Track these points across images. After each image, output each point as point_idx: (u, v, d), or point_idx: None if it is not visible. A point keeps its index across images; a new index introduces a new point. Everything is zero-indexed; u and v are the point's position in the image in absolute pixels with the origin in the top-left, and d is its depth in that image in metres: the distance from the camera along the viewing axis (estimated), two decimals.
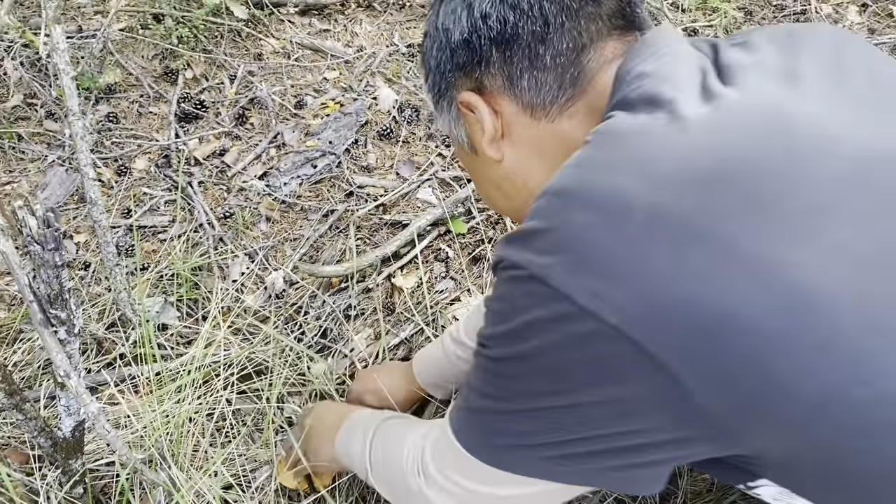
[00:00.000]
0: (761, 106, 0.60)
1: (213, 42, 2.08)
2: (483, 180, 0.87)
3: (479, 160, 0.84)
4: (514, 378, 0.65)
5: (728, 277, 0.53)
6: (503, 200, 0.87)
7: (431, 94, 0.86)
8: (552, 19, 0.73)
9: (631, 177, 0.57)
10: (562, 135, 0.76)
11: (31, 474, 1.13)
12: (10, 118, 1.82)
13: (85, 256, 1.58)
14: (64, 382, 0.95)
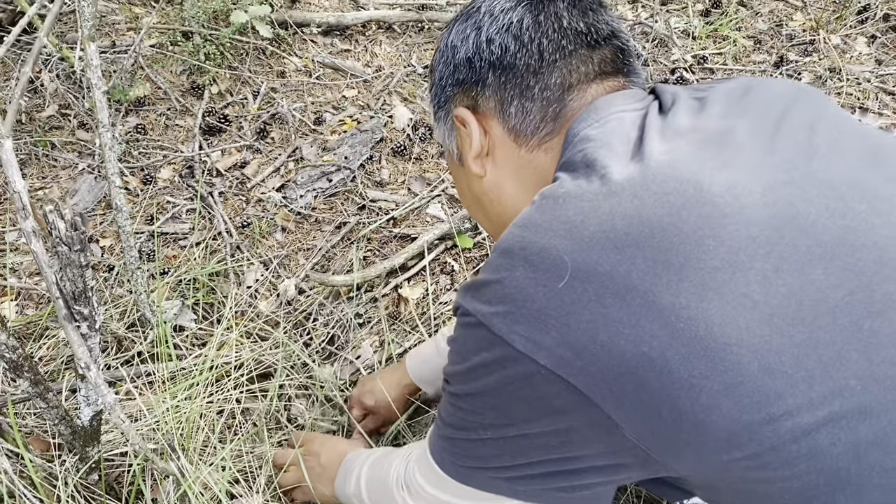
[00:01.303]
0: (685, 173, 0.66)
1: (238, 59, 2.17)
2: (465, 190, 0.96)
3: (464, 172, 0.91)
4: (470, 412, 0.74)
5: (644, 326, 0.59)
6: (480, 212, 0.95)
7: (432, 104, 0.93)
8: (547, 56, 0.81)
9: (563, 238, 0.65)
10: (536, 166, 0.84)
11: (52, 461, 1.21)
12: (45, 127, 1.92)
13: (109, 259, 1.66)
14: (84, 374, 1.03)
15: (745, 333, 0.58)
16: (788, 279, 0.60)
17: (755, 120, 0.73)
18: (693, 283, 0.60)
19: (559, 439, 0.67)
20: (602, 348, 0.61)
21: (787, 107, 0.75)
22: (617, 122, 0.75)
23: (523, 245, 0.67)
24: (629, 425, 0.62)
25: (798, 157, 0.69)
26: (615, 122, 0.76)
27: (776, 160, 0.68)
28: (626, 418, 0.62)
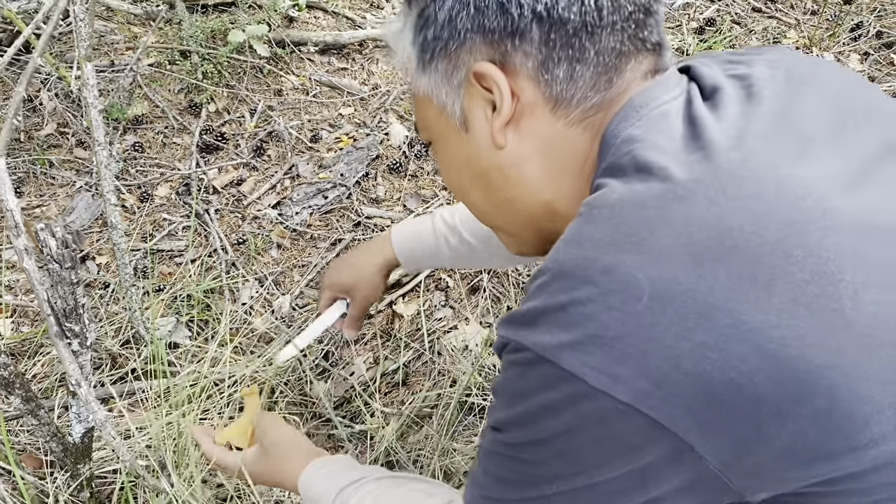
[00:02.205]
0: (760, 172, 0.60)
1: (235, 78, 2.19)
2: (460, 163, 0.79)
3: (464, 140, 0.76)
4: (532, 463, 0.64)
5: (732, 349, 0.54)
6: (478, 191, 0.80)
7: (422, 45, 0.75)
8: (605, 14, 0.69)
9: (632, 253, 0.57)
10: (572, 145, 0.72)
11: (44, 478, 1.21)
12: (44, 145, 1.94)
13: (105, 277, 1.67)
14: (75, 391, 1.03)
15: (837, 355, 0.54)
16: (877, 295, 0.56)
17: (814, 106, 0.67)
18: (783, 298, 0.54)
19: (633, 481, 0.61)
20: (686, 377, 0.55)
21: (843, 91, 0.69)
22: (660, 117, 0.67)
23: (584, 264, 0.59)
24: (713, 455, 0.57)
25: (866, 153, 0.63)
26: (658, 117, 0.67)
27: (845, 156, 0.63)
28: (711, 448, 0.56)
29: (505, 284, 1.69)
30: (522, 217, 0.79)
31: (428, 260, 1.29)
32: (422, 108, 0.79)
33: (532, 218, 0.79)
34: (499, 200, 0.79)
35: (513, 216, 0.80)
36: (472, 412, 1.42)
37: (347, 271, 1.28)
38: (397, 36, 0.77)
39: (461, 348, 1.56)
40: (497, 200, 0.79)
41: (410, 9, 0.75)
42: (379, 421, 1.41)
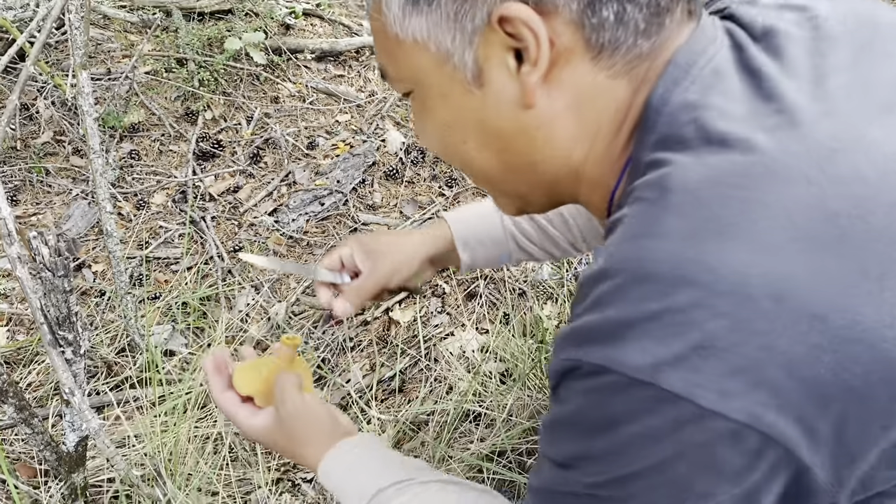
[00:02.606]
0: (855, 144, 0.53)
1: (232, 85, 2.19)
2: (462, 123, 0.66)
3: (474, 97, 0.63)
4: (627, 498, 0.55)
5: (846, 350, 0.49)
6: (488, 153, 0.68)
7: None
8: None
9: (734, 245, 0.50)
10: (612, 100, 0.62)
11: (38, 487, 1.20)
12: (40, 154, 1.94)
13: (101, 285, 1.67)
14: (69, 399, 1.03)
15: None
16: None
17: (891, 52, 0.60)
18: (895, 293, 0.49)
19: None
20: (799, 383, 0.49)
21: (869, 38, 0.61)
22: (714, 76, 0.59)
23: (677, 261, 0.50)
24: (820, 463, 0.51)
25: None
26: (711, 75, 0.59)
27: None
28: (818, 457, 0.51)
29: (501, 291, 1.68)
30: (542, 182, 0.69)
31: (489, 245, 1.08)
32: (405, 54, 0.63)
33: (553, 183, 0.68)
34: (516, 165, 0.67)
35: (530, 182, 0.69)
36: (468, 419, 1.41)
37: (384, 237, 1.06)
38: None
39: (458, 355, 1.55)
40: (514, 165, 0.67)
41: None
42: (375, 428, 1.41)
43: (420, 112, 0.69)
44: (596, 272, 0.54)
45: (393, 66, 0.66)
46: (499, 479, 1.29)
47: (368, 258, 1.00)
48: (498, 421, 1.38)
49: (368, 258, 1.00)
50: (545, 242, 1.10)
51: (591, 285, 0.54)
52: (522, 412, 1.40)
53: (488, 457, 1.32)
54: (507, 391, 1.42)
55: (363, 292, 0.99)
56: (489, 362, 1.50)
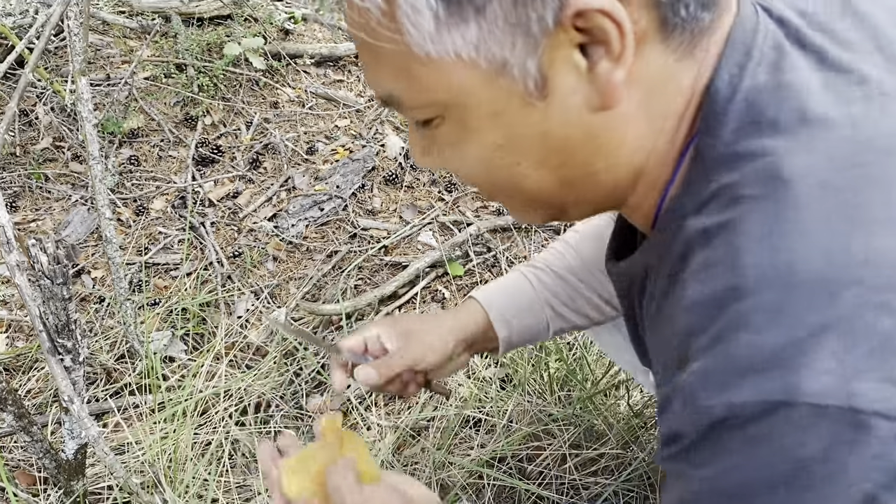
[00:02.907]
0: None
1: (231, 91, 2.19)
2: (525, 142, 0.56)
3: (534, 110, 0.53)
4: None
5: None
6: (544, 171, 0.58)
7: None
8: None
9: (883, 231, 0.45)
10: (679, 86, 0.54)
11: (37, 495, 1.20)
12: (39, 160, 1.94)
13: (100, 291, 1.67)
14: (68, 407, 1.03)
15: None
16: None
17: None
18: None
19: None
20: None
21: None
22: (776, 52, 0.54)
23: (823, 262, 0.45)
24: None
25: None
26: (774, 52, 0.54)
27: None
28: None
29: None
30: (597, 193, 0.60)
31: (526, 315, 0.99)
32: (436, 75, 0.52)
33: (609, 191, 0.60)
34: (573, 178, 0.58)
35: (582, 194, 0.61)
36: (468, 425, 1.41)
37: (414, 319, 0.97)
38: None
39: None
40: (571, 178, 0.58)
41: None
42: (375, 434, 1.41)
43: (454, 140, 0.58)
44: (722, 291, 0.47)
45: (413, 91, 0.55)
46: (499, 486, 1.29)
47: (399, 338, 0.93)
48: (498, 427, 1.38)
49: (399, 338, 0.93)
50: (579, 301, 1.00)
51: (718, 307, 0.47)
52: (523, 418, 1.39)
53: (489, 463, 1.32)
54: (508, 397, 1.42)
55: (391, 364, 0.90)
56: (489, 368, 1.50)
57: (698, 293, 0.49)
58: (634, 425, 1.35)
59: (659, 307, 0.59)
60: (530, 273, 1.01)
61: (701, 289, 0.49)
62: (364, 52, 0.55)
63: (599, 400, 1.40)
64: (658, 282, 0.60)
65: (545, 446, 1.34)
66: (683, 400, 0.47)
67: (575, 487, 1.30)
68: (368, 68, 0.56)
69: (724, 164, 0.52)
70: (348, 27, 0.54)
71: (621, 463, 1.32)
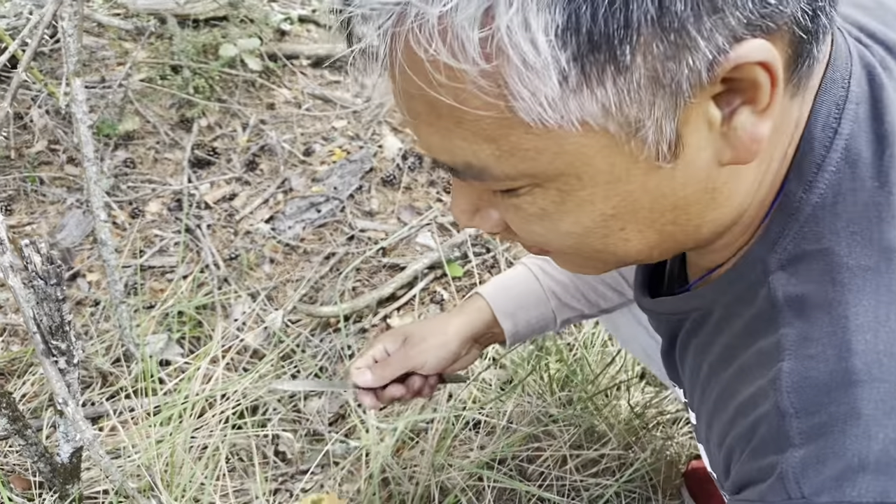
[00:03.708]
0: None
1: (227, 92, 2.18)
2: (636, 207, 0.49)
3: (662, 172, 0.47)
4: None
5: None
6: (653, 234, 0.52)
7: (592, 44, 0.39)
8: None
9: None
10: (788, 125, 0.49)
11: (32, 499, 1.19)
12: (34, 163, 1.92)
13: (96, 294, 1.65)
14: (63, 410, 1.01)
15: None
16: None
17: None
18: None
19: None
20: None
21: None
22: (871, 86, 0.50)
23: None
24: None
25: None
26: (868, 85, 0.50)
27: None
28: None
29: None
30: (690, 243, 0.55)
31: (531, 307, 0.97)
32: (543, 144, 0.44)
33: (703, 239, 0.55)
34: (675, 233, 0.52)
35: (675, 246, 0.55)
36: (467, 426, 1.40)
37: (420, 324, 0.97)
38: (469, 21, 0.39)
39: None
40: (673, 234, 0.52)
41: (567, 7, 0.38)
42: (374, 437, 1.39)
43: (547, 211, 0.50)
44: (828, 375, 0.43)
45: (505, 163, 0.46)
46: (499, 488, 1.28)
47: (398, 341, 0.94)
48: (498, 428, 1.37)
49: (398, 341, 0.94)
50: (583, 288, 0.99)
51: (825, 393, 0.44)
52: (523, 419, 1.38)
53: (488, 464, 1.31)
54: (507, 398, 1.41)
55: (388, 365, 0.91)
56: (489, 369, 1.49)
57: (798, 374, 0.46)
58: (636, 426, 1.34)
59: (727, 352, 0.56)
60: (534, 265, 1.00)
61: (801, 369, 0.46)
62: (432, 111, 0.44)
63: (600, 400, 1.39)
64: (729, 326, 0.56)
65: (545, 447, 1.33)
66: (784, 488, 0.45)
67: (576, 488, 1.29)
68: (436, 132, 0.45)
69: (822, 222, 0.48)
70: (419, 84, 0.43)
71: (623, 464, 1.31)
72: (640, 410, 1.35)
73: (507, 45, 0.39)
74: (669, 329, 0.69)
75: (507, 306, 0.96)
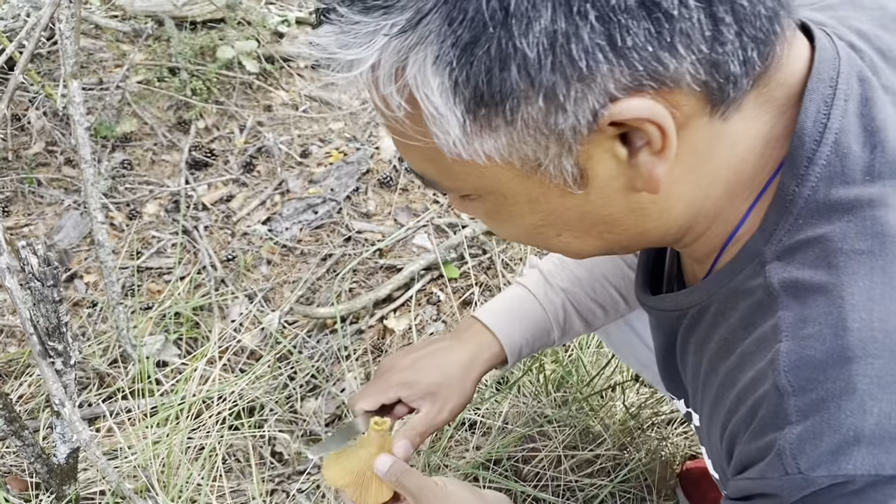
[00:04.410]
0: None
1: (225, 94, 2.19)
2: (565, 220, 0.57)
3: (572, 197, 0.53)
4: None
5: None
6: (590, 238, 0.59)
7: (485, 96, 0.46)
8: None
9: None
10: (731, 140, 0.52)
11: (29, 500, 1.19)
12: (32, 164, 1.93)
13: (93, 295, 1.66)
14: (59, 411, 1.02)
15: None
16: None
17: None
18: None
19: None
20: None
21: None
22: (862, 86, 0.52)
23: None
24: None
25: None
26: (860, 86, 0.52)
27: None
28: None
29: None
30: (643, 243, 0.62)
31: (537, 332, 0.99)
32: (470, 171, 0.53)
33: (656, 240, 0.61)
34: (620, 239, 0.59)
35: (629, 246, 0.62)
36: (463, 427, 1.40)
37: (430, 372, 0.92)
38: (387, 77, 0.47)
39: None
40: (618, 240, 0.59)
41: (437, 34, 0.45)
42: None
43: (493, 215, 0.60)
44: (824, 353, 0.46)
45: (449, 181, 0.56)
46: (495, 488, 1.28)
47: (424, 399, 0.91)
48: (493, 429, 1.37)
49: (424, 399, 0.91)
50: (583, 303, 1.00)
51: (821, 370, 0.46)
52: (518, 419, 1.39)
53: (484, 465, 1.31)
54: (503, 398, 1.41)
55: (420, 434, 0.90)
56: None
57: (795, 353, 0.48)
58: (631, 427, 1.35)
59: (726, 344, 0.58)
60: (531, 284, 1.00)
61: (798, 348, 0.48)
62: (390, 132, 0.55)
63: (595, 401, 1.39)
64: (725, 318, 0.59)
65: (541, 448, 1.34)
66: (782, 463, 0.46)
67: (571, 489, 1.29)
68: (402, 152, 0.56)
69: (816, 213, 0.50)
70: (376, 113, 0.53)
71: (617, 464, 1.32)
72: (635, 411, 1.36)
73: (417, 97, 0.47)
74: (669, 327, 0.71)
75: (511, 332, 0.97)
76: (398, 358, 0.96)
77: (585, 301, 1.00)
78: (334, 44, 0.48)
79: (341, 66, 0.49)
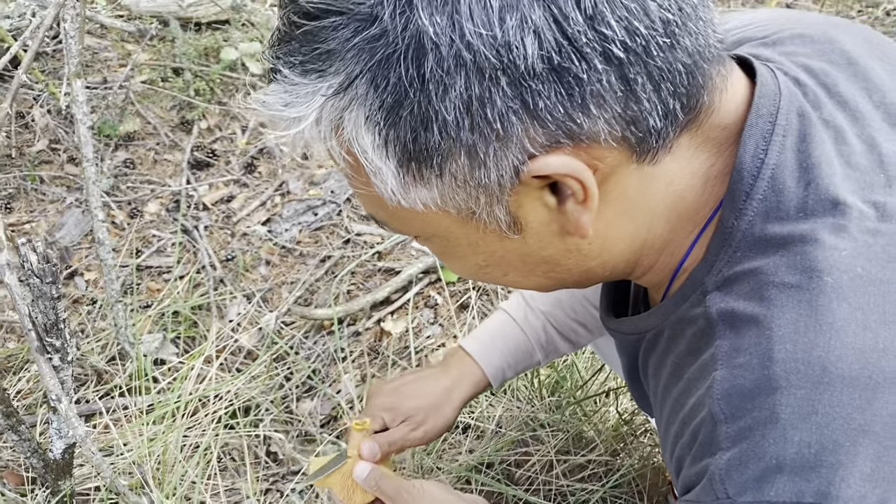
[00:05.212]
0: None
1: (228, 95, 2.20)
2: (507, 261, 0.60)
3: (514, 240, 0.57)
4: None
5: None
6: (536, 277, 0.63)
7: (413, 154, 0.50)
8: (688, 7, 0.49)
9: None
10: (664, 180, 0.55)
11: (25, 495, 1.20)
12: (35, 161, 1.94)
13: (93, 293, 1.67)
14: (56, 407, 1.03)
15: None
16: None
17: None
18: None
19: None
20: None
21: None
22: (802, 122, 0.54)
23: (862, 360, 0.45)
24: None
25: None
26: (799, 122, 0.54)
27: None
28: None
29: (494, 302, 1.69)
30: (593, 278, 0.64)
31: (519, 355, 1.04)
32: (412, 217, 0.56)
33: (605, 276, 0.64)
34: (567, 277, 0.63)
35: (579, 281, 0.65)
36: (457, 430, 1.41)
37: (411, 398, 0.99)
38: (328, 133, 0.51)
39: None
40: (564, 277, 0.63)
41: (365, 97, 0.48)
42: None
43: (443, 255, 0.63)
44: (752, 383, 0.47)
45: (396, 224, 0.60)
46: (487, 491, 1.29)
47: (404, 422, 0.97)
48: (487, 432, 1.38)
49: (404, 422, 0.97)
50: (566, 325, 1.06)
51: (749, 399, 0.47)
52: (511, 423, 1.39)
53: (476, 468, 1.32)
54: (497, 402, 1.42)
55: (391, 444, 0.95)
56: None
57: (728, 382, 0.50)
58: (623, 432, 1.36)
59: (676, 369, 0.60)
60: (512, 309, 1.05)
61: (730, 377, 0.50)
62: (349, 184, 0.58)
63: (588, 406, 1.40)
64: (676, 344, 0.61)
65: (533, 452, 1.34)
66: (713, 488, 0.48)
67: (563, 493, 1.30)
68: (357, 195, 0.59)
69: (752, 246, 0.52)
70: None
71: (609, 469, 1.32)
72: (627, 417, 1.37)
73: (356, 151, 0.50)
74: (631, 349, 0.73)
75: (494, 361, 1.02)
76: (383, 384, 1.02)
77: (566, 321, 1.04)
78: (279, 102, 0.51)
79: (288, 122, 0.51)
